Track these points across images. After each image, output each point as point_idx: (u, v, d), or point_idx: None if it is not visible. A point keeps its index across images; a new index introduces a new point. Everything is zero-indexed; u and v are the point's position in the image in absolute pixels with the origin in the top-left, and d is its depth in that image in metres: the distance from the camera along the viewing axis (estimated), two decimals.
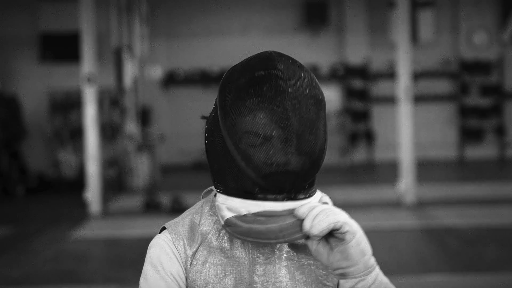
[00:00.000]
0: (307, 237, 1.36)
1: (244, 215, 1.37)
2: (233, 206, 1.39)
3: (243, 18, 15.24)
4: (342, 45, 15.17)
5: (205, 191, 1.62)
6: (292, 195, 1.37)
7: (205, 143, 1.49)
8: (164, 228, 1.55)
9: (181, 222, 1.54)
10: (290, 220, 1.35)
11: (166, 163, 14.37)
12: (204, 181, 12.66)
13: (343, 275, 1.38)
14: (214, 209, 1.53)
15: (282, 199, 1.37)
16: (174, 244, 1.50)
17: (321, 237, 1.36)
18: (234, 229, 1.38)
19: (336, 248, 1.36)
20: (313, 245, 1.38)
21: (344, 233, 1.35)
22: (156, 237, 1.55)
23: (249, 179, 1.36)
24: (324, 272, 1.50)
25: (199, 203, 1.59)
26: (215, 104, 1.46)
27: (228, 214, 1.39)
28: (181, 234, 1.51)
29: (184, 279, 1.49)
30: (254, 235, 1.36)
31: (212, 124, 1.46)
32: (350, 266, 1.36)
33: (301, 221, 1.35)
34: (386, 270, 6.22)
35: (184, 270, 1.49)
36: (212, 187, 1.59)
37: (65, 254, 7.36)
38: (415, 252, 6.97)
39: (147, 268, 1.51)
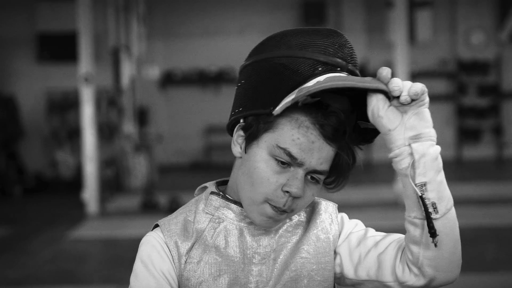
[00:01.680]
0: (382, 95, 1.34)
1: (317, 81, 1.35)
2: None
3: (241, 18, 15.24)
4: None
5: (199, 188, 1.60)
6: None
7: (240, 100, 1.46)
8: (156, 226, 1.54)
9: (174, 220, 1.52)
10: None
11: (163, 163, 14.36)
12: (202, 181, 12.60)
13: (417, 137, 1.35)
14: (209, 207, 1.52)
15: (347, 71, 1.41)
16: (166, 243, 1.48)
17: (406, 103, 1.34)
18: (312, 85, 1.33)
19: (412, 111, 1.35)
20: (383, 109, 1.35)
21: (425, 99, 1.35)
22: (147, 234, 1.53)
23: (315, 63, 1.38)
24: (314, 267, 1.50)
25: (192, 201, 1.57)
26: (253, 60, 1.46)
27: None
28: (173, 232, 1.49)
29: (175, 278, 1.47)
30: (337, 79, 1.34)
31: (253, 76, 1.45)
32: (426, 127, 1.35)
33: (384, 83, 1.34)
34: None
35: (175, 269, 1.47)
36: (206, 184, 1.58)
37: (63, 255, 7.35)
38: None
39: (137, 266, 1.49)
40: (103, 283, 6.16)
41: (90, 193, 9.61)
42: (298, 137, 1.38)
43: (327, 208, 1.57)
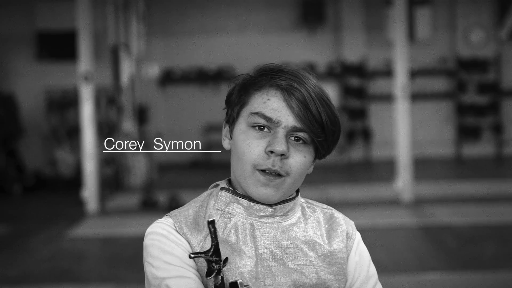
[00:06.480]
0: None
1: None
2: None
3: (240, 16, 15.23)
4: (339, 43, 15.16)
5: (212, 185, 1.61)
6: None
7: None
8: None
9: (185, 213, 1.53)
10: None
11: (163, 161, 14.36)
12: (201, 179, 12.66)
13: None
14: (219, 203, 1.52)
15: None
16: (178, 232, 1.49)
17: None
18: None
19: None
20: None
21: None
22: (156, 222, 1.52)
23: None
24: (331, 277, 1.50)
25: (204, 195, 1.58)
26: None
27: None
28: (185, 223, 1.50)
29: (192, 263, 1.47)
30: None
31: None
32: None
33: None
34: (383, 269, 6.16)
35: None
36: (219, 182, 1.58)
37: (62, 253, 7.35)
38: (412, 250, 6.97)
39: (152, 250, 1.47)
40: (102, 282, 6.15)
41: (89, 191, 9.61)
42: (268, 98, 1.45)
43: (348, 223, 1.59)
